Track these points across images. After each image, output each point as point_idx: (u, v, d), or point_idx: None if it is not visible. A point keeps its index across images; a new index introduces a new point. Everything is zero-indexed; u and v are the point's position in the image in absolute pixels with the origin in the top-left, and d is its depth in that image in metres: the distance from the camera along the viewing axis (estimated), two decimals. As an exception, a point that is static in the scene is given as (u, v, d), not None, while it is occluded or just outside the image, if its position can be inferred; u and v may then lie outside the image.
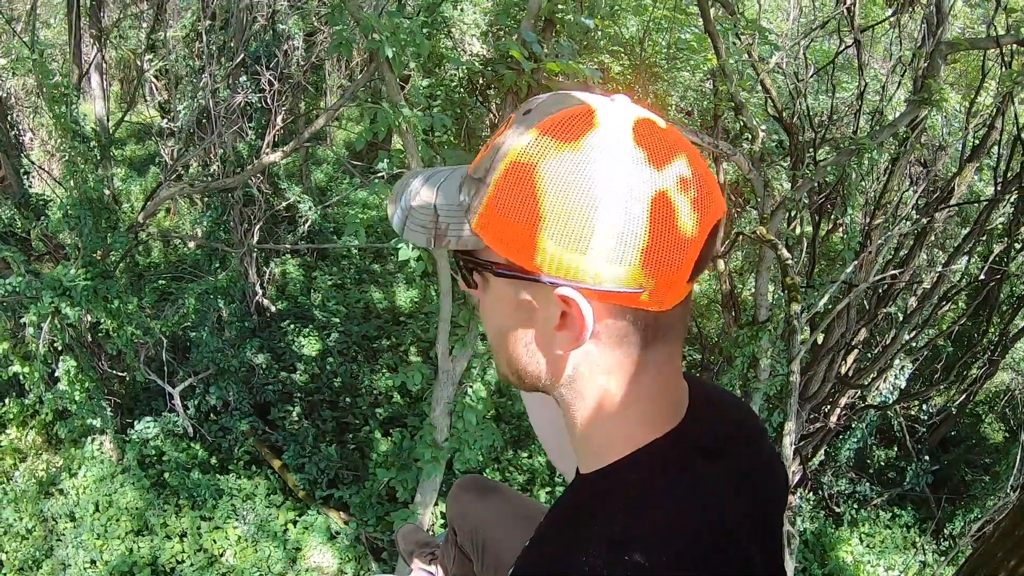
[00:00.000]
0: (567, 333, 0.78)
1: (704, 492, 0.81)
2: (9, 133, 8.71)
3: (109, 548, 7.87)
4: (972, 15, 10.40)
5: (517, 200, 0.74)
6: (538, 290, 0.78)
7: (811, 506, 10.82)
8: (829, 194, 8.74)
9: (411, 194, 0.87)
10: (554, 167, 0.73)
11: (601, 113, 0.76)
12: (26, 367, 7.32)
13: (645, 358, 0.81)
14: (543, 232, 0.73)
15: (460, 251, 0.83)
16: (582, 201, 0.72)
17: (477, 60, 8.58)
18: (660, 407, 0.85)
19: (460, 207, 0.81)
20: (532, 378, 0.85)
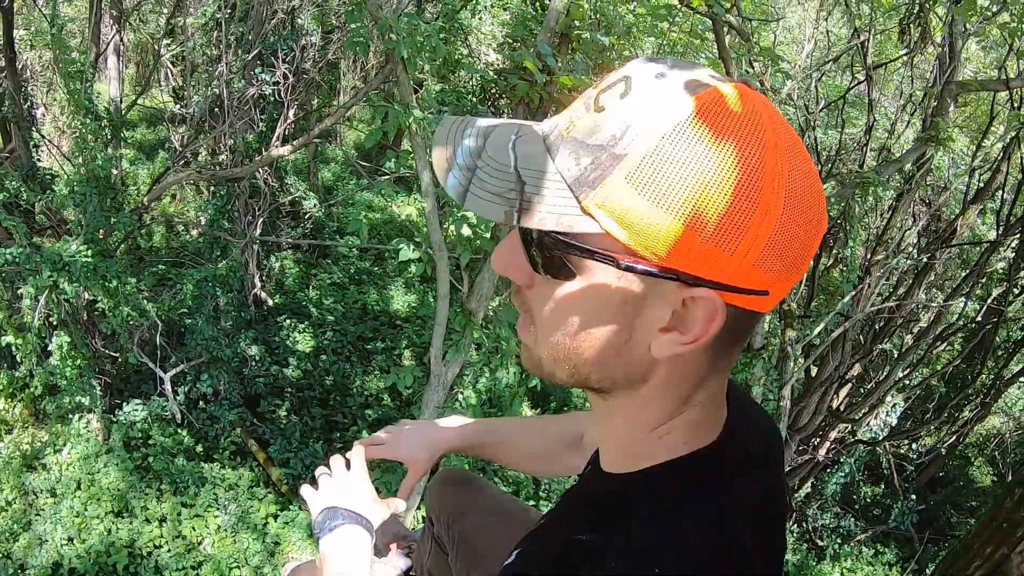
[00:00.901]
0: (675, 335, 0.70)
1: (733, 515, 0.76)
2: (23, 105, 8.75)
3: (88, 527, 7.84)
4: (985, 59, 10.49)
5: (665, 181, 0.63)
6: (658, 286, 0.68)
7: (794, 538, 10.79)
8: (831, 227, 8.78)
9: (469, 151, 0.72)
10: (716, 149, 0.63)
11: (749, 99, 0.67)
12: (19, 339, 7.32)
13: (718, 364, 0.75)
14: (691, 223, 0.63)
15: (555, 232, 0.69)
16: (740, 196, 0.63)
17: (491, 69, 8.65)
18: (709, 416, 0.80)
19: (558, 176, 0.68)
20: (603, 381, 0.76)
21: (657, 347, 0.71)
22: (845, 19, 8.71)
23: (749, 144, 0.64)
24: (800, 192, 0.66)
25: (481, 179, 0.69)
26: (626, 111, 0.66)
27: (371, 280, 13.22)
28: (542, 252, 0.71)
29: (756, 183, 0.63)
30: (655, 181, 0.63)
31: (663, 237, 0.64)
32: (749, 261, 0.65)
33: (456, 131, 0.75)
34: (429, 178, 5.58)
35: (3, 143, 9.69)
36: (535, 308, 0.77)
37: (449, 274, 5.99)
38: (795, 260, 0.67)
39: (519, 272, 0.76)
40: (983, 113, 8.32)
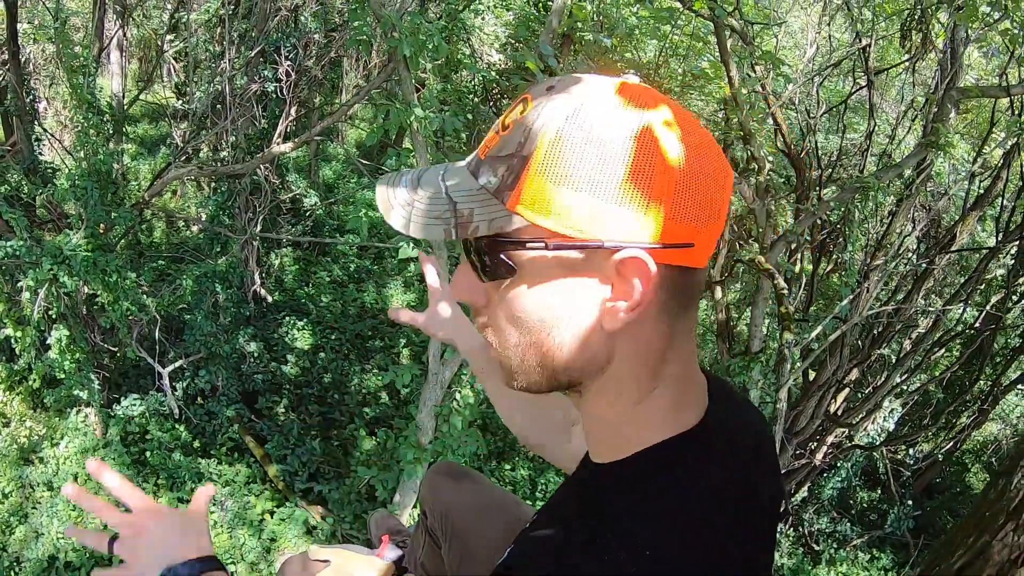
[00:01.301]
0: (618, 304, 0.74)
1: (718, 502, 0.78)
2: (25, 99, 8.76)
3: (84, 520, 7.85)
4: (987, 67, 10.50)
5: (569, 162, 0.71)
6: (590, 260, 0.73)
7: (790, 542, 10.80)
8: (831, 232, 8.80)
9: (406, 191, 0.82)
10: (604, 131, 0.70)
11: (631, 85, 0.75)
12: (19, 331, 7.33)
13: (675, 329, 0.79)
14: (599, 192, 0.70)
15: (488, 236, 0.76)
16: (638, 159, 0.70)
17: (493, 69, 8.66)
18: (688, 392, 0.84)
19: (484, 190, 0.76)
20: (570, 372, 0.80)
21: (608, 321, 0.75)
22: (848, 24, 8.73)
23: (634, 116, 0.72)
24: (694, 147, 0.73)
25: (419, 209, 0.79)
26: (525, 122, 0.74)
27: (370, 278, 13.24)
28: (482, 258, 0.78)
29: (648, 146, 0.70)
30: (559, 167, 0.71)
31: (579, 213, 0.71)
32: (662, 216, 0.71)
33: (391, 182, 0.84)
34: (429, 177, 5.58)
35: (5, 136, 9.71)
36: (494, 322, 0.82)
37: (449, 273, 6.00)
38: (708, 209, 0.73)
39: (476, 293, 0.83)
40: (984, 120, 8.34)
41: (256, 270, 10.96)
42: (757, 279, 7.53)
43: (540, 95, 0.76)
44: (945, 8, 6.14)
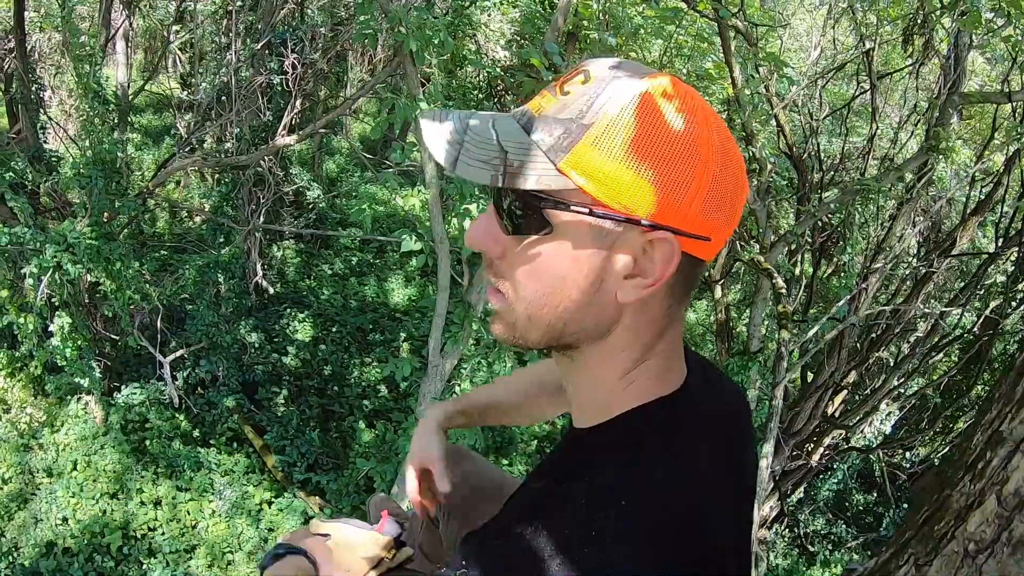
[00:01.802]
0: (637, 280, 0.79)
1: (694, 461, 0.84)
2: (31, 87, 8.79)
3: (83, 507, 7.89)
4: (992, 72, 10.52)
5: (625, 142, 0.75)
6: (624, 233, 0.78)
7: (785, 542, 10.84)
8: (832, 234, 8.82)
9: (457, 129, 0.82)
10: (664, 116, 0.76)
11: (686, 87, 0.81)
12: (21, 318, 7.36)
13: (675, 311, 0.85)
14: (647, 174, 0.75)
15: (532, 191, 0.79)
16: (687, 152, 0.75)
17: (498, 65, 8.68)
18: (671, 364, 0.88)
19: (535, 145, 0.79)
20: (574, 333, 0.84)
21: (623, 293, 0.80)
22: (852, 27, 8.75)
23: (688, 115, 0.77)
24: (727, 156, 0.79)
25: (468, 151, 0.80)
26: (589, 91, 0.78)
27: (372, 272, 13.27)
28: (523, 211, 0.81)
29: (696, 145, 0.76)
30: (617, 144, 0.75)
31: (626, 189, 0.76)
32: (695, 210, 0.77)
33: (440, 115, 0.84)
34: (433, 171, 5.62)
35: (10, 124, 9.74)
36: (509, 273, 0.85)
37: (450, 267, 6.04)
38: (729, 210, 0.80)
39: (494, 242, 0.85)
40: (987, 125, 8.35)
41: (258, 262, 10.99)
42: (757, 280, 7.56)
43: (604, 71, 0.80)
44: (948, 14, 6.16)
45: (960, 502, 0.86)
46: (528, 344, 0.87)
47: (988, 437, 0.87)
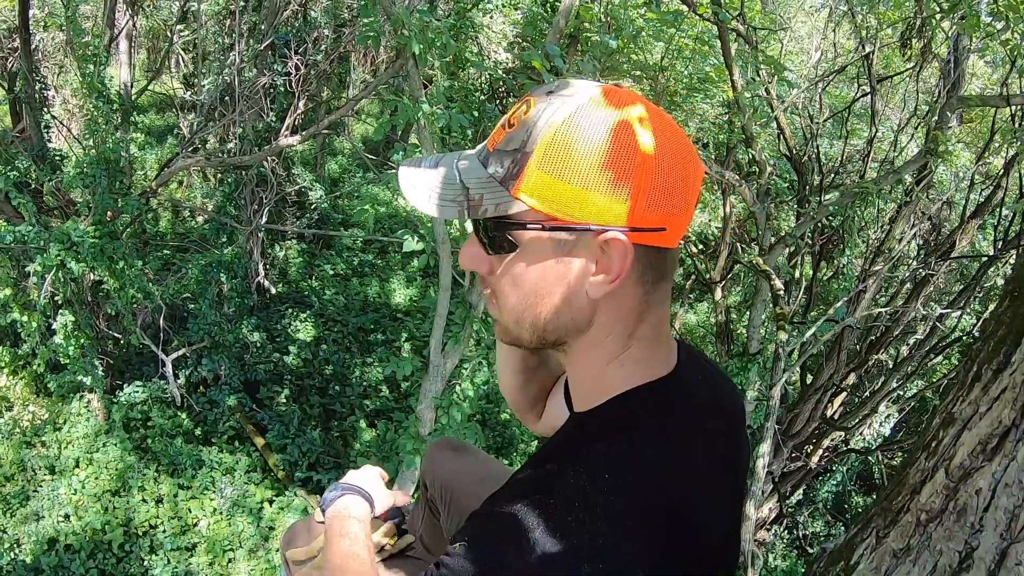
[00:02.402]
0: (603, 277, 0.88)
1: (686, 450, 0.92)
2: (35, 86, 8.82)
3: (85, 504, 7.93)
4: (992, 76, 10.55)
5: (563, 160, 0.85)
6: (579, 239, 0.87)
7: (784, 544, 10.86)
8: (832, 237, 8.85)
9: (426, 175, 0.96)
10: (597, 132, 0.84)
11: (619, 92, 0.89)
12: (25, 316, 7.40)
13: (650, 297, 0.93)
14: (588, 185, 0.84)
15: (494, 218, 0.90)
16: (621, 159, 0.84)
17: (500, 67, 8.72)
18: (656, 350, 0.96)
19: (492, 178, 0.90)
20: (557, 332, 0.94)
21: (593, 290, 0.89)
22: (852, 30, 8.78)
23: (617, 121, 0.85)
24: (671, 148, 0.87)
25: (438, 192, 0.93)
26: (529, 121, 0.88)
27: (373, 273, 13.31)
28: (489, 235, 0.93)
29: (629, 148, 0.84)
30: (556, 163, 0.85)
31: (571, 202, 0.85)
32: (641, 205, 0.85)
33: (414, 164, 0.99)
34: (435, 172, 5.64)
35: (14, 123, 9.77)
36: (496, 287, 0.97)
37: (451, 267, 6.07)
38: (680, 200, 0.88)
39: (480, 262, 0.97)
40: (988, 128, 8.39)
41: (261, 261, 11.03)
42: (756, 282, 7.60)
43: (541, 98, 0.89)
44: (947, 17, 6.19)
45: (916, 478, 0.93)
46: (522, 343, 0.99)
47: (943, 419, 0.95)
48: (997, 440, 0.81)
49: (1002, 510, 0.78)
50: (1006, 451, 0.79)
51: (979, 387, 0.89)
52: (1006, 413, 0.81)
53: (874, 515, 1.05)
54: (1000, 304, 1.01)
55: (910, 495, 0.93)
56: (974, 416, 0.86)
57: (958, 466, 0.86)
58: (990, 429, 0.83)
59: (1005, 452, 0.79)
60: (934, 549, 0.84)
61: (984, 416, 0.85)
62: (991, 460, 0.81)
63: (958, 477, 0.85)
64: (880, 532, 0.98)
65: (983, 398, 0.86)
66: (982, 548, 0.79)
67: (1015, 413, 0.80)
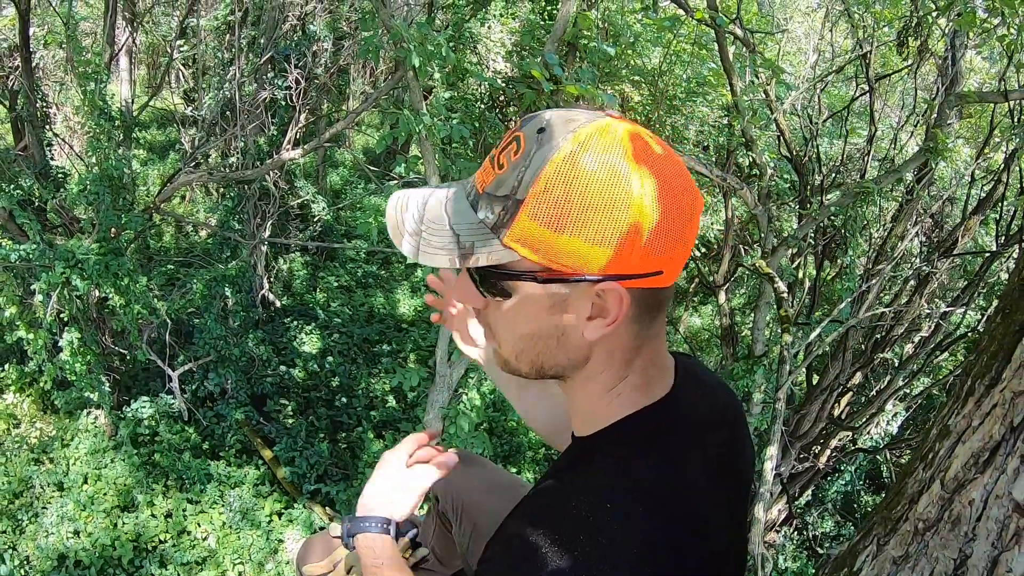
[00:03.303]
0: (599, 321, 0.87)
1: (682, 468, 0.92)
2: (37, 104, 8.87)
3: (93, 520, 7.95)
4: (991, 71, 10.56)
5: (555, 211, 0.82)
6: (575, 288, 0.86)
7: (794, 545, 10.84)
8: (834, 236, 8.86)
9: (414, 219, 0.93)
10: (589, 180, 0.81)
11: (611, 130, 0.85)
12: (31, 333, 7.44)
13: (645, 332, 0.92)
14: (582, 236, 0.81)
15: (487, 266, 0.88)
16: (614, 207, 0.81)
17: (499, 77, 8.75)
18: (651, 376, 0.96)
19: (483, 224, 0.87)
20: (555, 369, 0.95)
21: (589, 332, 0.89)
22: (849, 30, 8.80)
23: (613, 165, 0.82)
24: (667, 186, 0.84)
25: (427, 240, 0.91)
26: (519, 165, 0.85)
27: (378, 284, 13.34)
28: (484, 282, 0.91)
29: (624, 194, 0.81)
30: (549, 215, 0.82)
31: (566, 253, 0.83)
32: (637, 253, 0.83)
33: (399, 205, 0.97)
34: (437, 182, 5.68)
35: (16, 141, 9.82)
36: (492, 323, 0.97)
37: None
38: (676, 241, 0.85)
39: (474, 299, 0.96)
40: (988, 123, 8.41)
41: (265, 275, 11.07)
42: (760, 284, 7.60)
43: (532, 138, 0.86)
44: (944, 15, 6.21)
45: (914, 488, 0.96)
46: (521, 375, 0.98)
47: (939, 431, 0.97)
48: (988, 454, 0.84)
49: (993, 520, 0.80)
50: (997, 464, 0.82)
51: (972, 401, 0.91)
52: (996, 428, 0.84)
53: (875, 523, 1.08)
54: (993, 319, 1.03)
55: (908, 504, 0.96)
56: (967, 430, 0.89)
57: (952, 478, 0.89)
58: (982, 443, 0.85)
59: (996, 465, 0.82)
60: (931, 557, 0.87)
61: (977, 430, 0.87)
62: (983, 472, 0.83)
63: (952, 488, 0.88)
64: (881, 540, 1.00)
65: (976, 412, 0.88)
66: (975, 556, 0.81)
67: (1004, 428, 0.82)
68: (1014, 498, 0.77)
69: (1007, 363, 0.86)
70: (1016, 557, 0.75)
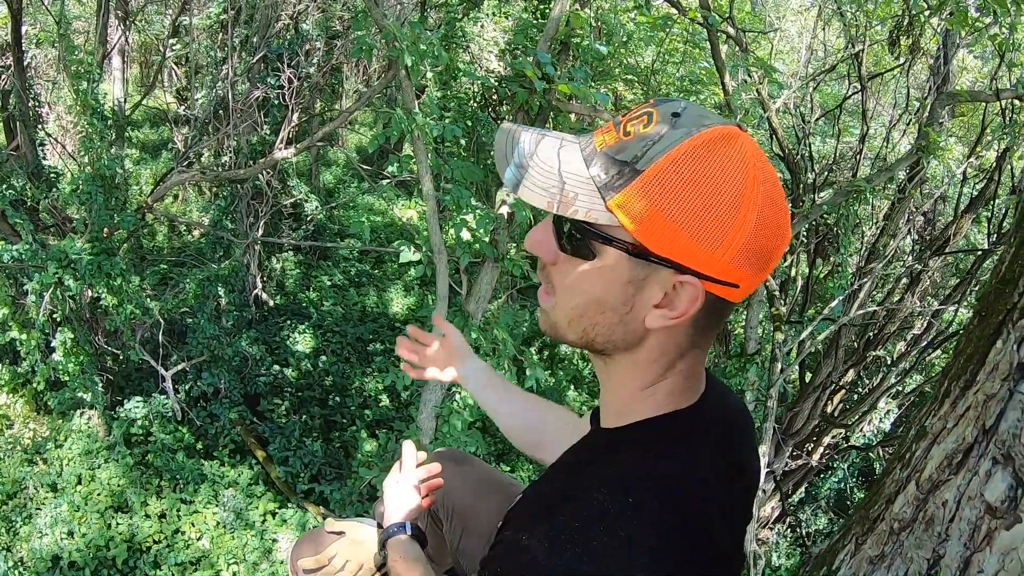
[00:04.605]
0: (664, 311, 0.88)
1: (702, 467, 0.94)
2: (29, 103, 8.84)
3: (87, 521, 7.93)
4: (983, 69, 10.60)
5: (670, 194, 0.82)
6: (656, 271, 0.87)
7: (788, 543, 10.87)
8: (826, 234, 8.89)
9: (524, 152, 0.92)
10: (713, 177, 0.82)
11: (739, 139, 0.87)
12: (24, 334, 7.42)
13: (698, 339, 0.94)
14: (685, 226, 0.83)
15: (581, 221, 0.88)
16: (723, 209, 0.82)
17: (492, 76, 8.75)
18: (689, 383, 0.98)
19: (591, 181, 0.87)
20: (605, 343, 0.95)
21: (651, 320, 0.90)
22: (842, 28, 8.83)
23: (734, 173, 0.84)
24: (770, 212, 0.86)
25: (531, 176, 0.90)
26: (648, 137, 0.86)
27: (371, 283, 13.33)
28: (571, 236, 0.91)
29: (736, 202, 0.83)
30: (663, 194, 0.83)
31: (665, 236, 0.84)
32: (727, 259, 0.84)
33: (511, 135, 0.95)
34: (430, 182, 5.69)
35: (7, 140, 9.79)
36: (557, 281, 0.96)
37: (448, 276, 6.09)
38: (762, 262, 0.87)
39: (547, 250, 0.95)
40: (979, 121, 8.44)
41: (258, 274, 11.05)
42: (753, 282, 7.62)
43: (665, 118, 0.87)
44: (936, 14, 6.24)
45: (891, 488, 0.97)
46: (566, 342, 0.98)
47: (916, 432, 0.98)
48: (962, 455, 0.84)
49: (966, 521, 0.81)
50: (970, 466, 0.82)
51: (948, 403, 0.92)
52: (969, 431, 0.84)
53: (854, 523, 1.09)
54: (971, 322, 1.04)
55: (885, 504, 0.97)
56: (943, 431, 0.90)
57: (927, 479, 0.90)
58: (956, 445, 0.86)
59: (969, 467, 0.83)
60: (906, 556, 0.88)
61: (951, 432, 0.88)
62: (956, 474, 0.84)
63: (927, 489, 0.89)
64: (859, 539, 1.02)
65: (951, 414, 0.89)
66: (948, 556, 0.82)
67: (977, 431, 0.83)
68: (986, 500, 0.77)
69: (982, 366, 0.87)
70: (987, 558, 0.76)
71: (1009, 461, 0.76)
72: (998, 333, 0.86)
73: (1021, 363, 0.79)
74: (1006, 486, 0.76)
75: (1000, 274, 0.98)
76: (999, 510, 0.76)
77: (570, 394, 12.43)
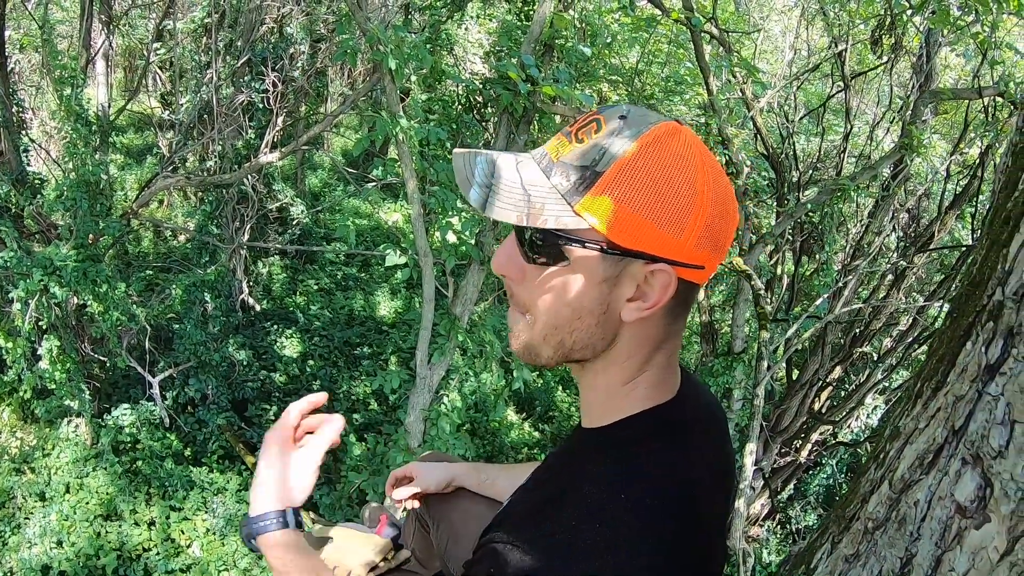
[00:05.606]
0: (638, 303, 0.92)
1: (689, 460, 0.97)
2: (12, 109, 8.79)
3: (76, 530, 7.88)
4: (966, 67, 10.67)
5: (632, 189, 0.87)
6: (628, 265, 0.91)
7: (778, 539, 10.93)
8: (811, 232, 8.94)
9: (485, 172, 0.95)
10: (665, 166, 0.88)
11: (683, 132, 0.93)
12: (9, 342, 7.37)
13: (671, 328, 0.98)
14: (650, 216, 0.88)
15: (554, 229, 0.91)
16: (684, 194, 0.88)
17: (477, 79, 8.75)
18: (666, 376, 1.01)
19: (555, 189, 0.91)
20: (583, 349, 0.97)
21: (626, 313, 0.93)
22: (825, 28, 8.88)
23: (685, 162, 0.90)
24: (719, 194, 0.92)
25: (497, 193, 0.93)
26: (601, 141, 0.91)
27: (357, 286, 13.31)
28: (543, 245, 0.94)
29: (692, 188, 0.89)
30: (625, 189, 0.88)
31: (632, 229, 0.88)
32: (692, 243, 0.89)
33: (467, 159, 0.98)
34: (415, 185, 5.69)
35: (-9, 148, 9.71)
36: (528, 298, 0.98)
37: (434, 279, 6.10)
38: (720, 242, 0.93)
39: (515, 268, 0.98)
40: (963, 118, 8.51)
41: (244, 279, 11.02)
42: (739, 281, 7.66)
43: (614, 122, 0.92)
44: (918, 12, 6.28)
45: (865, 487, 1.00)
46: (541, 360, 1.01)
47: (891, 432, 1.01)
48: (932, 456, 0.87)
49: (936, 520, 0.83)
50: (940, 466, 0.85)
51: (920, 403, 0.94)
52: (939, 432, 0.87)
53: (831, 522, 1.11)
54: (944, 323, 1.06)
55: (860, 503, 0.99)
56: (915, 431, 0.92)
57: (900, 478, 0.92)
58: (927, 445, 0.88)
59: (939, 467, 0.85)
60: (879, 555, 0.91)
61: (922, 432, 0.90)
62: (928, 474, 0.87)
63: (900, 488, 0.91)
64: (835, 538, 1.04)
65: (923, 414, 0.92)
66: (920, 555, 0.84)
67: (947, 432, 0.85)
68: (956, 499, 0.80)
69: (952, 367, 0.89)
70: (958, 557, 0.78)
71: (978, 461, 0.78)
72: (968, 335, 0.88)
73: (990, 365, 0.81)
74: (975, 486, 0.78)
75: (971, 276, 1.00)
76: (968, 510, 0.78)
77: (559, 395, 12.46)
